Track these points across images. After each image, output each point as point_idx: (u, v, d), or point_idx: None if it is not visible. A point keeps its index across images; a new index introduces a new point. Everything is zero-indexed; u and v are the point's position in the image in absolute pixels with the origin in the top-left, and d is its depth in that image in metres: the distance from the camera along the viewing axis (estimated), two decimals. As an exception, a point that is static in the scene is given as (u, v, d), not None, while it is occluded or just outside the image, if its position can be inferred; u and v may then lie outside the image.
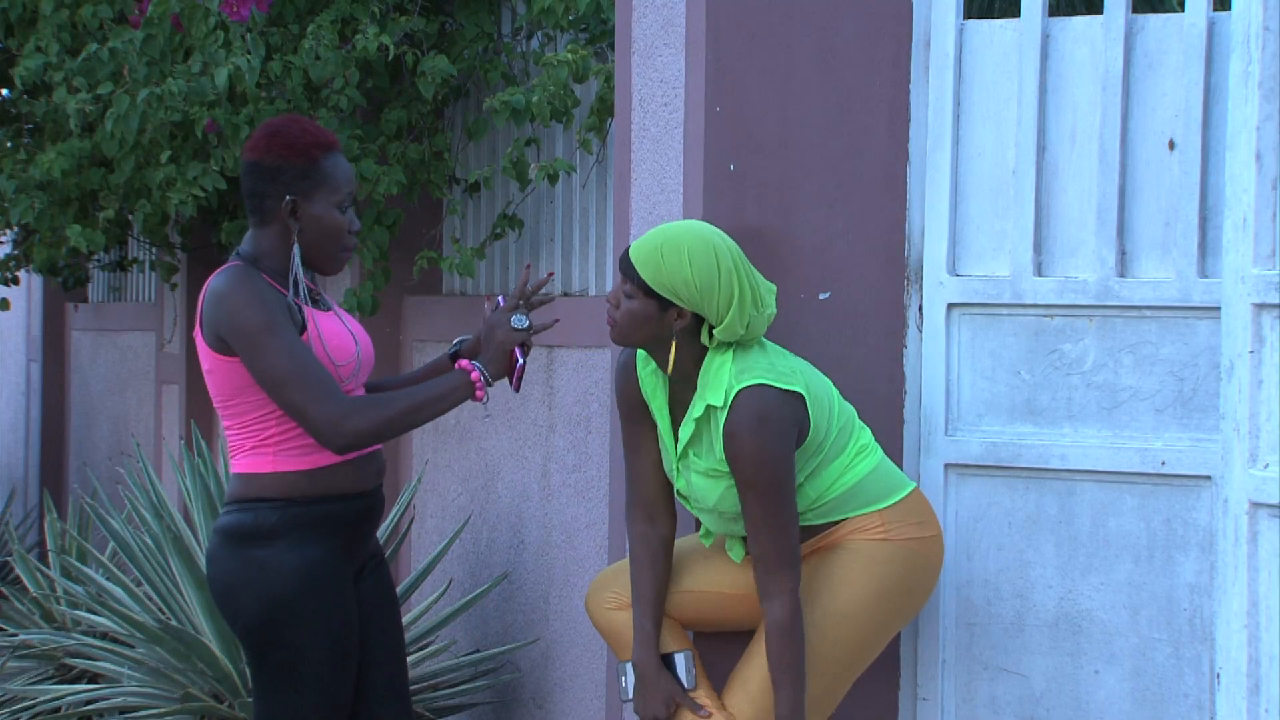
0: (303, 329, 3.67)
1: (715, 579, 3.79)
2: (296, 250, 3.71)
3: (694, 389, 3.63)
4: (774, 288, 3.65)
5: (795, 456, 3.56)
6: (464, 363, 3.75)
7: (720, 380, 3.56)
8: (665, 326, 3.57)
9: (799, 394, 3.55)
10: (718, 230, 3.62)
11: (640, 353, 3.72)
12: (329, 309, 3.82)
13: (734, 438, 3.52)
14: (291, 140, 3.70)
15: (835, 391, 3.69)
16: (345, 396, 3.64)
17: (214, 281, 3.68)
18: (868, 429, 3.72)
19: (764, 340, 3.65)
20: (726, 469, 3.58)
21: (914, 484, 3.73)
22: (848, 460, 3.64)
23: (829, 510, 3.64)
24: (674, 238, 3.55)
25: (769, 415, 3.51)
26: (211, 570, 3.78)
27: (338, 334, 3.75)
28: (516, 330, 3.77)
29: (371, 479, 3.80)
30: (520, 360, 3.77)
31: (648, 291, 3.55)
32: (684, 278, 3.53)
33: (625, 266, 3.58)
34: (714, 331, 3.56)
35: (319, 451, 3.70)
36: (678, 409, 3.69)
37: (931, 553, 3.69)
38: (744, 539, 3.72)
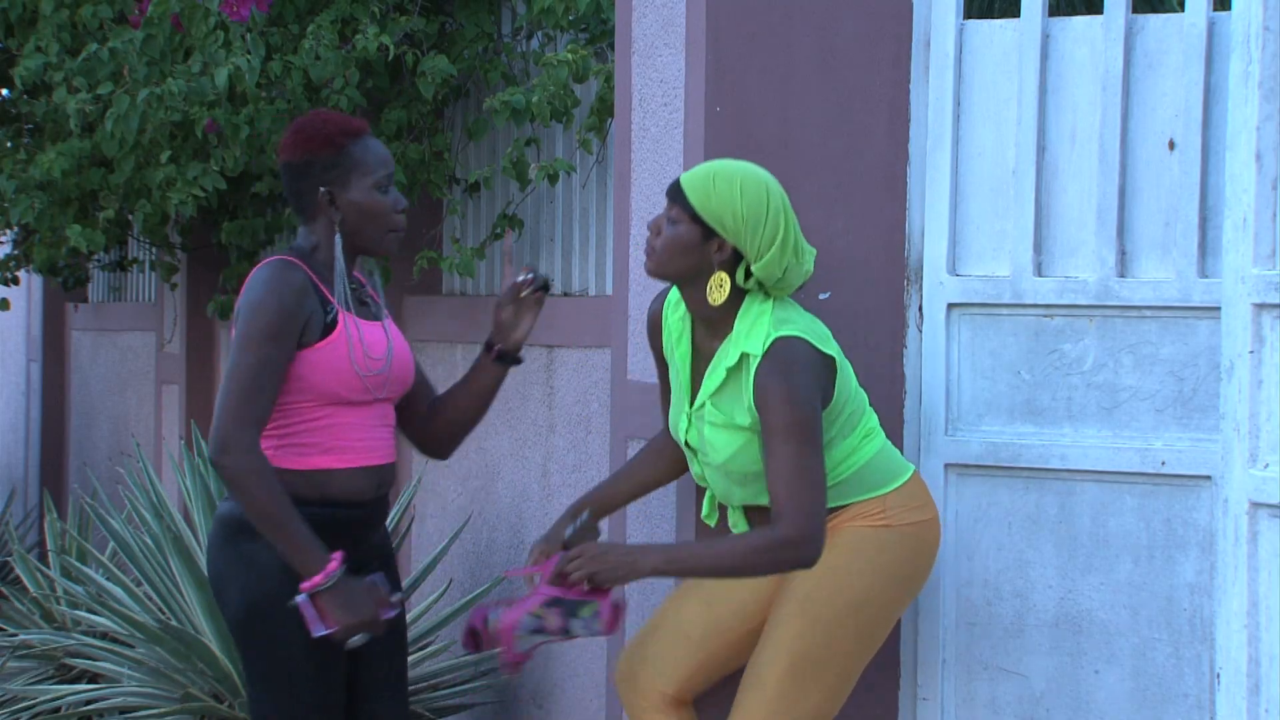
0: (327, 329, 3.65)
1: (724, 626, 3.74)
2: (338, 241, 3.70)
3: (720, 339, 3.61)
4: (814, 251, 3.65)
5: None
6: (329, 566, 3.61)
7: (759, 329, 3.54)
8: (704, 258, 3.56)
9: (832, 358, 3.56)
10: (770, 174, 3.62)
11: (670, 299, 3.71)
12: (379, 319, 3.79)
13: (768, 380, 3.49)
14: (314, 133, 3.70)
15: (852, 372, 3.69)
16: (254, 434, 3.58)
17: (254, 271, 3.71)
18: (874, 414, 3.71)
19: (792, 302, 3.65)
20: (746, 423, 3.56)
21: (913, 468, 3.72)
22: (855, 442, 3.62)
23: (835, 494, 3.62)
24: (727, 168, 3.58)
25: (803, 364, 3.50)
26: (207, 559, 3.81)
27: (376, 343, 3.73)
28: (363, 602, 3.65)
29: (370, 490, 3.76)
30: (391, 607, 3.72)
31: (694, 217, 3.55)
32: (733, 208, 3.53)
33: (673, 192, 3.58)
34: (751, 269, 3.55)
35: (319, 454, 3.69)
36: (700, 361, 3.67)
37: (930, 536, 3.68)
38: (746, 509, 3.70)
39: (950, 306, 3.91)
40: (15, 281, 7.45)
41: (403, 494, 5.44)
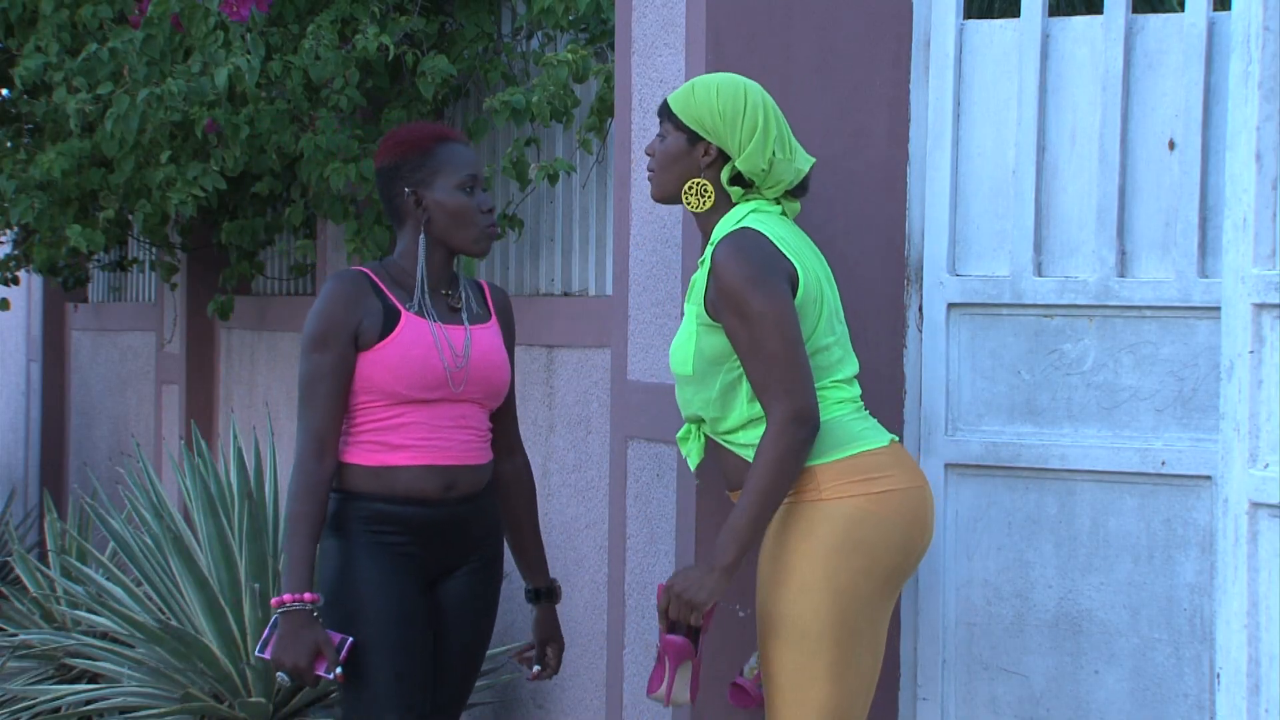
0: (387, 331, 3.76)
1: None
2: (421, 242, 3.82)
3: None
4: (812, 159, 3.66)
5: (796, 309, 3.48)
6: (304, 596, 3.70)
7: (730, 223, 3.56)
8: (693, 164, 3.61)
9: (789, 260, 3.52)
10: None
11: None
12: (464, 323, 3.87)
13: (718, 265, 3.49)
14: (401, 137, 3.86)
15: (839, 319, 3.63)
16: (308, 441, 3.74)
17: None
18: (852, 388, 3.61)
19: (794, 226, 3.63)
20: (695, 309, 3.55)
21: (872, 444, 3.56)
22: (818, 393, 3.53)
23: None
24: (706, 76, 3.66)
25: (752, 248, 3.49)
26: None
27: (427, 346, 3.79)
28: (297, 649, 3.69)
29: (438, 491, 3.83)
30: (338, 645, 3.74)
31: (679, 126, 3.62)
32: (710, 106, 3.59)
33: (661, 110, 3.66)
34: (737, 165, 3.57)
35: (385, 451, 3.80)
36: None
37: (886, 508, 3.52)
38: (698, 426, 3.66)
39: (950, 306, 3.91)
40: (15, 281, 7.46)
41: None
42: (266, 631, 3.73)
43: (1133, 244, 3.79)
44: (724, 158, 3.60)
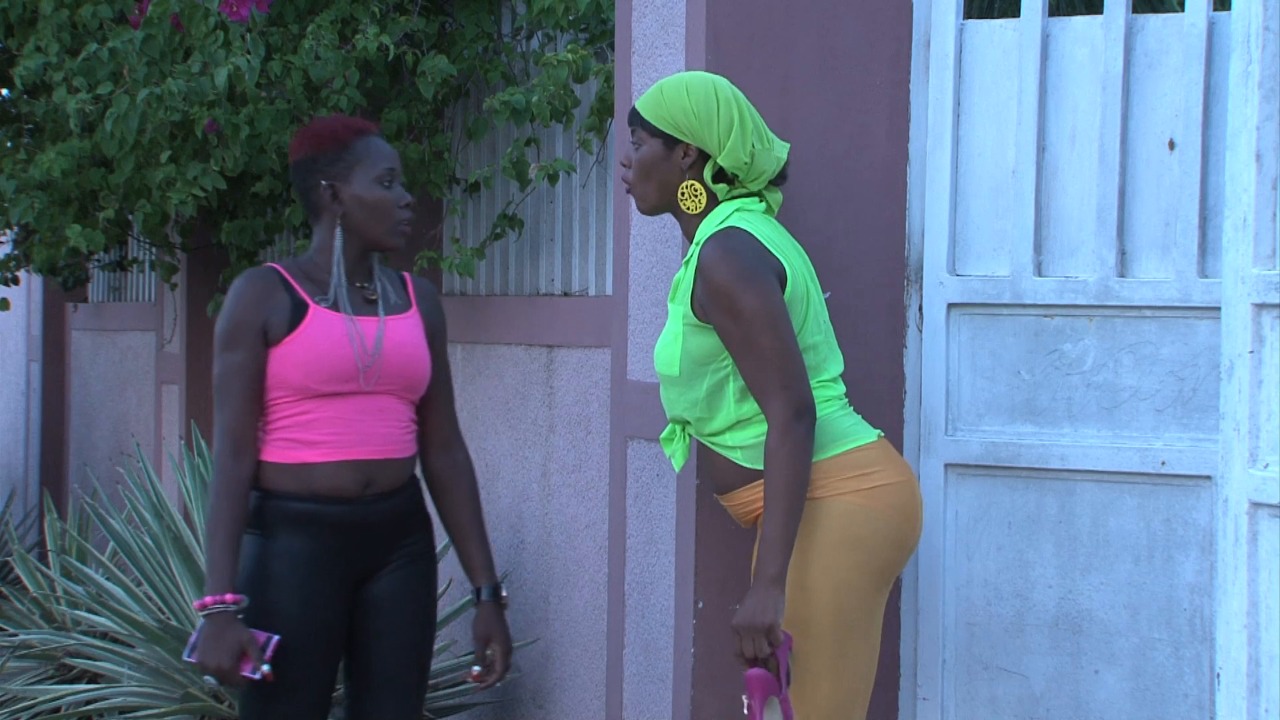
0: (290, 329, 3.73)
1: None
2: (338, 235, 3.79)
3: None
4: (786, 144, 3.65)
5: (785, 304, 3.48)
6: (225, 597, 3.67)
7: (714, 223, 3.56)
8: (674, 169, 3.60)
9: (780, 262, 3.51)
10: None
11: None
12: (379, 315, 3.83)
13: (706, 265, 3.48)
14: (319, 130, 3.83)
15: (823, 317, 3.62)
16: (224, 441, 3.74)
17: None
18: (837, 386, 3.61)
19: (778, 225, 3.62)
20: (680, 310, 3.54)
21: (862, 440, 3.56)
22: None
23: (757, 455, 3.54)
24: (672, 78, 3.64)
25: (739, 246, 3.48)
26: None
27: (335, 338, 3.75)
28: (221, 650, 3.66)
29: (356, 488, 3.79)
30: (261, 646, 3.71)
31: (653, 132, 3.60)
32: (683, 106, 3.57)
33: (631, 117, 3.64)
34: (719, 161, 3.57)
35: (303, 447, 3.77)
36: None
37: (878, 503, 3.52)
38: (683, 427, 3.65)
39: (950, 306, 3.91)
40: (15, 281, 7.45)
41: (403, 494, 5.43)
42: (194, 636, 3.70)
43: (1133, 244, 3.79)
44: (703, 157, 3.59)
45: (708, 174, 3.59)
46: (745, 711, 3.44)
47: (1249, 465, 3.42)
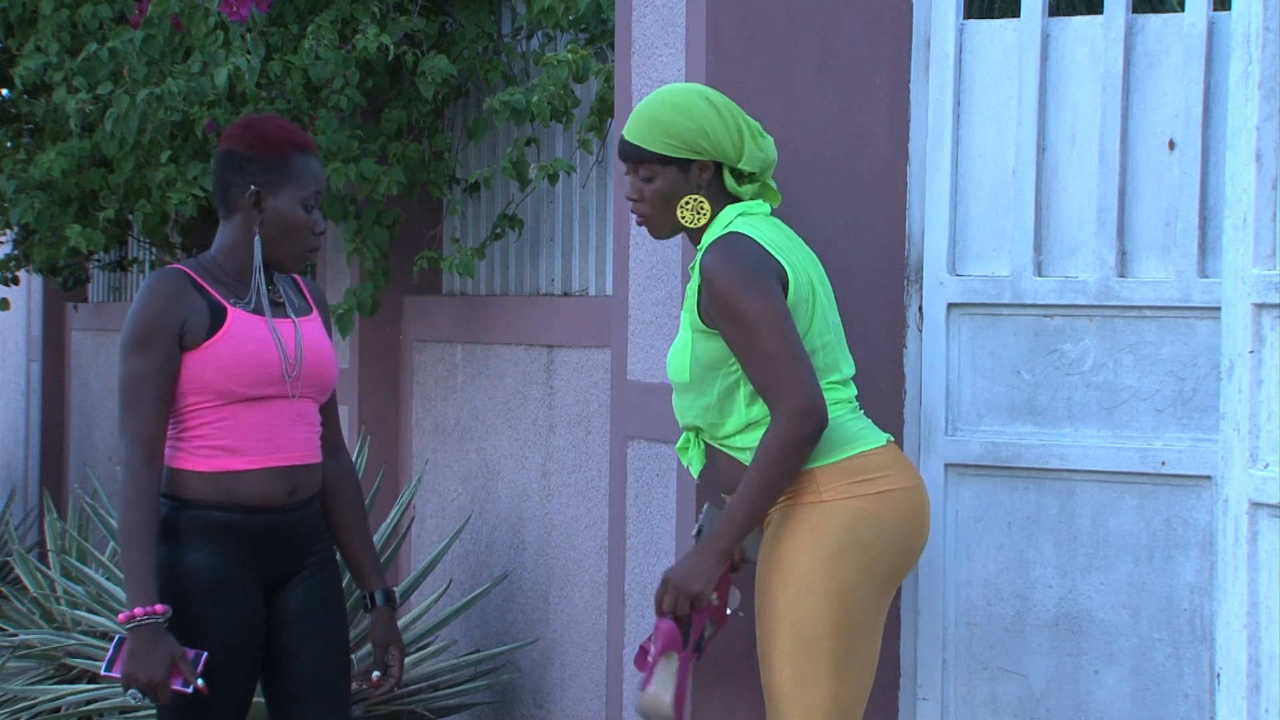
0: (214, 329, 3.65)
1: None
2: (258, 243, 3.70)
3: None
4: (770, 138, 3.66)
5: (788, 307, 3.48)
6: (155, 608, 3.57)
7: (718, 229, 3.56)
8: (693, 187, 3.59)
9: (781, 264, 3.51)
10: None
11: None
12: (291, 316, 3.76)
13: (707, 272, 3.48)
14: (265, 133, 3.71)
15: (833, 318, 3.62)
16: (134, 447, 3.61)
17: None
18: (847, 389, 3.61)
19: (782, 226, 3.63)
20: (687, 320, 3.55)
21: (870, 444, 3.57)
22: None
23: None
24: (654, 105, 3.59)
25: (740, 251, 3.48)
26: None
27: (260, 341, 3.69)
28: (152, 663, 3.54)
29: (283, 495, 3.71)
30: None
31: (665, 160, 3.57)
32: (690, 126, 3.55)
33: (632, 153, 3.59)
34: (741, 166, 3.57)
35: (223, 455, 3.67)
36: None
37: (885, 509, 3.52)
38: (697, 434, 3.65)
39: (950, 306, 3.91)
40: (15, 281, 7.46)
41: (402, 494, 5.44)
42: (111, 650, 3.57)
43: (1133, 244, 3.79)
44: (718, 168, 3.60)
45: (729, 182, 3.59)
46: (648, 658, 3.51)
47: (1249, 465, 3.42)
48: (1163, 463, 3.73)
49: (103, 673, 3.59)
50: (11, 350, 11.04)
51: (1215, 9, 3.76)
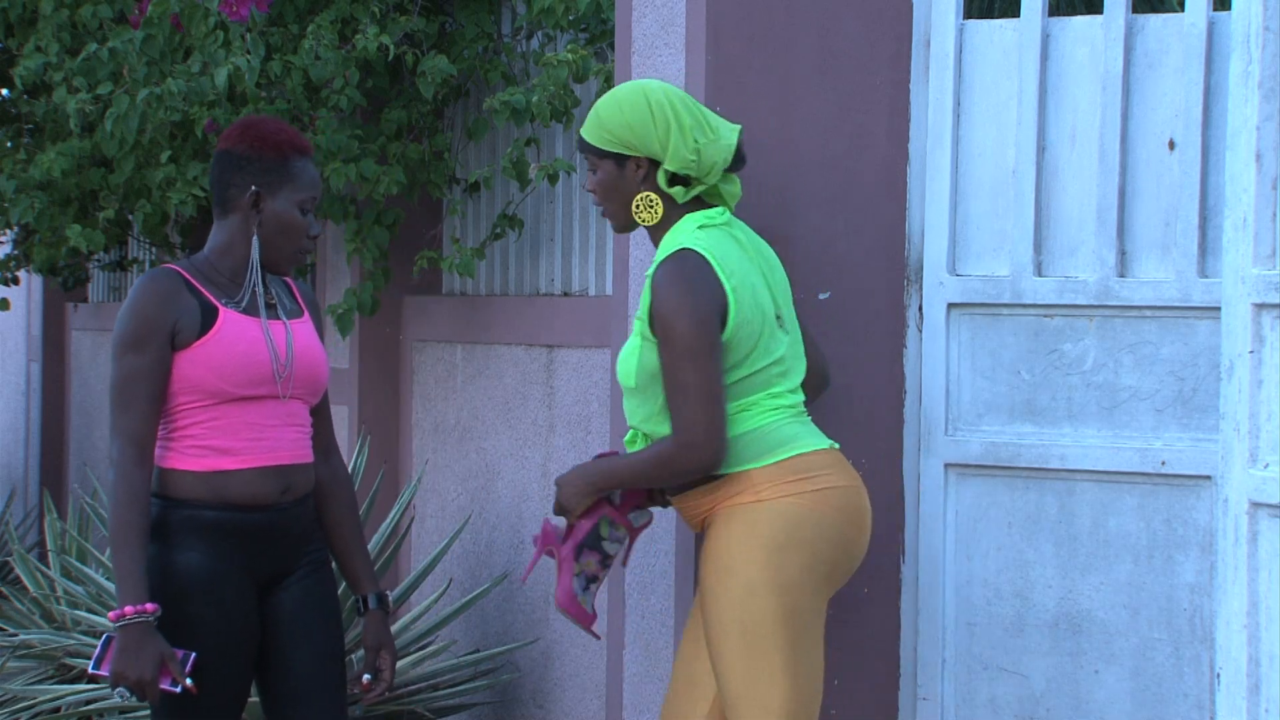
0: (206, 328, 3.65)
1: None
2: (256, 243, 3.72)
3: None
4: (737, 127, 3.66)
5: (719, 341, 3.51)
6: (145, 607, 3.56)
7: (674, 242, 3.59)
8: (631, 183, 3.64)
9: (725, 288, 3.53)
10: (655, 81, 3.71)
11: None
12: (282, 318, 3.76)
13: (655, 287, 3.54)
14: (266, 134, 3.73)
15: (791, 326, 3.64)
16: (125, 446, 3.60)
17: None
18: (794, 396, 3.63)
19: (740, 235, 3.64)
20: (640, 325, 3.59)
21: (809, 447, 3.59)
22: (744, 406, 3.58)
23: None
24: (606, 96, 3.68)
25: (687, 276, 3.52)
26: None
27: (253, 341, 3.69)
28: (142, 661, 3.53)
29: (274, 494, 3.71)
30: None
31: (601, 154, 3.65)
32: (620, 121, 3.61)
33: (579, 144, 3.70)
34: (666, 166, 3.60)
35: (214, 455, 3.67)
36: None
37: (823, 506, 3.54)
38: (645, 437, 3.68)
39: (950, 306, 3.91)
40: (15, 281, 7.45)
41: (402, 494, 5.44)
42: (100, 648, 3.57)
43: (1133, 244, 3.79)
44: (655, 166, 3.62)
45: (662, 180, 3.61)
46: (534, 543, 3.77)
47: (1249, 465, 3.42)
48: (1163, 463, 3.73)
49: (90, 670, 3.59)
50: (11, 350, 11.04)
51: (1215, 9, 3.76)
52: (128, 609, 3.53)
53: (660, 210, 3.63)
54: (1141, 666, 3.77)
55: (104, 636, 3.58)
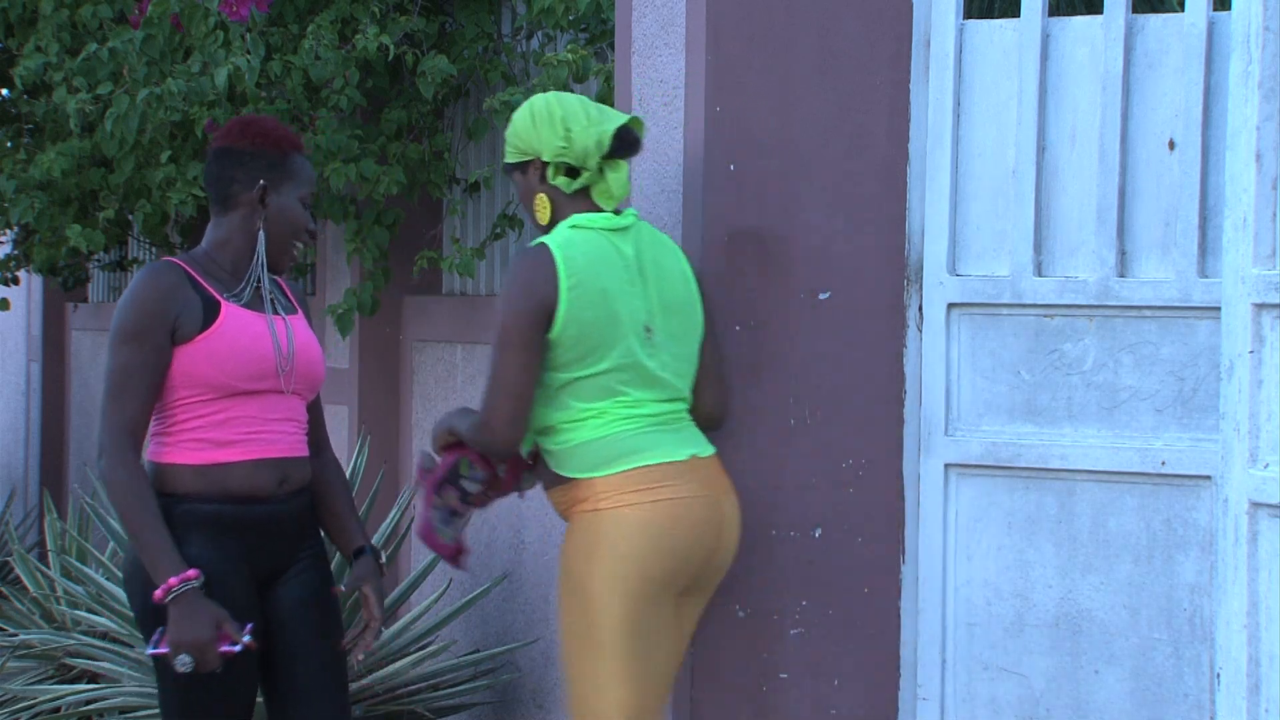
0: (208, 323, 3.66)
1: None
2: (261, 237, 3.76)
3: None
4: (627, 116, 3.76)
5: (535, 338, 3.59)
6: (188, 574, 3.58)
7: (544, 237, 3.70)
8: (532, 187, 3.76)
9: (558, 291, 3.60)
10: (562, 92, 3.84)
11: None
12: (281, 313, 3.79)
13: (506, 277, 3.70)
14: (267, 130, 3.80)
15: (633, 339, 3.67)
16: (122, 439, 3.61)
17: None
18: (650, 407, 3.68)
19: (626, 242, 3.70)
20: None
21: (657, 459, 3.65)
22: (587, 412, 3.65)
23: (558, 459, 3.69)
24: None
25: (525, 270, 3.63)
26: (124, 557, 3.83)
27: (256, 336, 3.71)
28: (200, 624, 3.57)
29: (272, 486, 3.73)
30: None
31: (509, 168, 3.79)
32: (513, 130, 3.76)
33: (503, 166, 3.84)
34: (544, 159, 3.70)
35: (213, 448, 3.68)
36: None
37: (660, 516, 3.61)
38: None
39: (950, 306, 3.91)
40: (15, 281, 7.45)
41: (402, 494, 5.44)
42: (155, 635, 3.58)
43: (1133, 244, 3.79)
44: (546, 165, 3.74)
45: (551, 175, 3.71)
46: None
47: (1249, 465, 3.42)
48: (1163, 463, 3.73)
49: (149, 653, 3.61)
50: (11, 350, 11.04)
51: (1215, 9, 3.76)
52: (172, 580, 3.56)
53: (548, 211, 3.74)
54: (1141, 667, 3.77)
55: (157, 631, 3.58)
